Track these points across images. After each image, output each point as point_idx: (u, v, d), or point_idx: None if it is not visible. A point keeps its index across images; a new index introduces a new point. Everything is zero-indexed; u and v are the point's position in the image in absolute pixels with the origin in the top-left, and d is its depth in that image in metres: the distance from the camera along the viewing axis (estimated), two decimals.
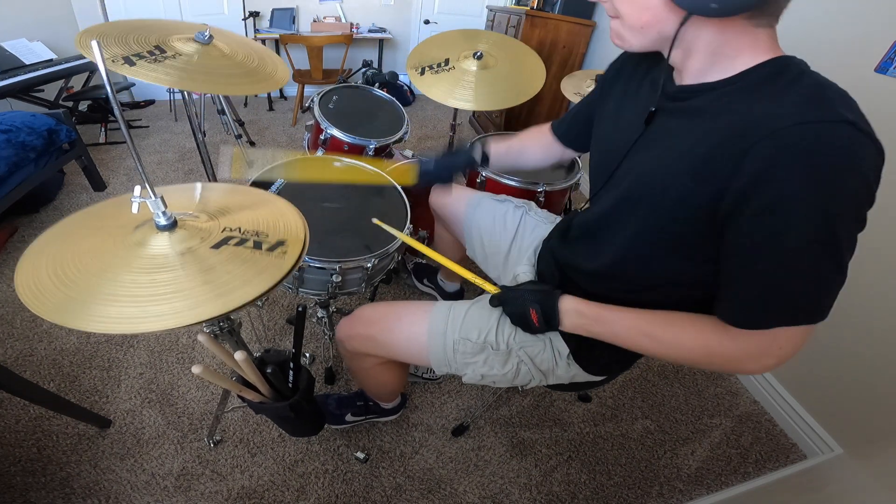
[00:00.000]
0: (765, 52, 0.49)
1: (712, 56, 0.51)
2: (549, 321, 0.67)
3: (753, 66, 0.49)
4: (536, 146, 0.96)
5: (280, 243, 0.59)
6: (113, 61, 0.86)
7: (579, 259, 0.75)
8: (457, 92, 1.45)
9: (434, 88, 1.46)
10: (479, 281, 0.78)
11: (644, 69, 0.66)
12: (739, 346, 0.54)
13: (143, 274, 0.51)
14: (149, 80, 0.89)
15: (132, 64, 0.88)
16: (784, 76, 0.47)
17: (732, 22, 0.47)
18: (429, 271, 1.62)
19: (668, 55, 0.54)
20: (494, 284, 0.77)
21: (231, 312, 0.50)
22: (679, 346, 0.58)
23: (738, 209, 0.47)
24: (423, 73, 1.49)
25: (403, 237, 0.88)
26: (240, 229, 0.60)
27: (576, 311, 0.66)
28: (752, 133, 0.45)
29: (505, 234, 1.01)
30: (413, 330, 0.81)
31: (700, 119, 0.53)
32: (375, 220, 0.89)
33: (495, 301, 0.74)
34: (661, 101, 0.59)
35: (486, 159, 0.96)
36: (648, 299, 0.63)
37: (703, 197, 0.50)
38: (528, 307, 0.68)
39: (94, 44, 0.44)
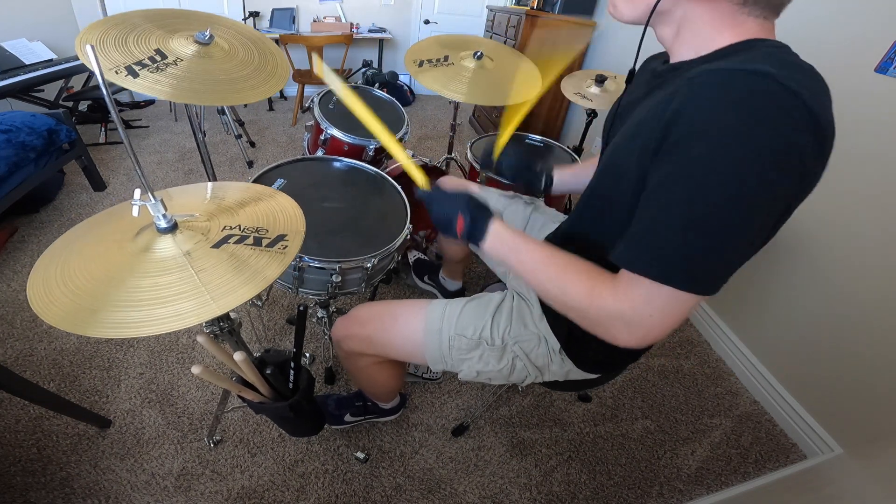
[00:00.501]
0: (744, 36, 0.49)
1: (695, 36, 0.52)
2: (474, 235, 0.63)
3: (725, 46, 0.49)
4: None
5: (280, 238, 0.60)
6: (116, 72, 0.86)
7: None
8: (452, 84, 1.45)
9: (431, 80, 1.46)
10: (413, 171, 0.70)
11: (649, 68, 0.67)
12: (617, 302, 0.50)
13: (147, 278, 0.52)
14: (153, 93, 0.89)
15: (136, 76, 0.88)
16: (744, 50, 0.47)
17: (719, 4, 0.48)
18: (430, 268, 1.61)
19: (648, 24, 0.55)
20: (427, 179, 0.70)
21: (232, 311, 0.50)
22: (566, 290, 0.55)
23: (654, 157, 0.47)
24: (421, 65, 1.49)
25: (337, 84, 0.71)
26: (240, 227, 0.61)
27: (498, 235, 0.62)
28: (676, 87, 0.46)
29: None
30: (409, 328, 0.81)
31: (659, 93, 0.53)
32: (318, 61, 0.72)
33: (423, 195, 0.68)
34: (649, 81, 0.60)
35: (549, 184, 0.96)
36: None
37: (637, 157, 0.50)
38: (457, 212, 0.63)
39: (88, 48, 0.43)
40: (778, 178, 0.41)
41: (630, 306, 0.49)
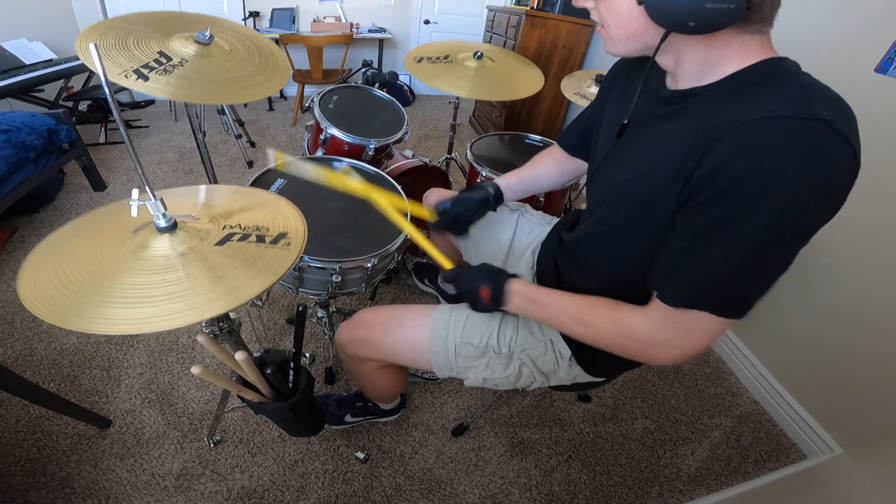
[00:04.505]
0: (754, 56, 0.49)
1: (702, 63, 0.52)
2: (497, 300, 0.69)
3: (741, 70, 0.49)
4: (548, 167, 0.95)
5: (282, 235, 0.60)
6: (126, 76, 0.86)
7: (573, 278, 0.76)
8: (456, 82, 1.46)
9: (433, 79, 1.46)
10: (437, 255, 0.80)
11: (640, 73, 0.67)
12: (651, 330, 0.55)
13: (153, 275, 0.51)
14: (164, 94, 0.90)
15: (146, 79, 0.88)
16: (772, 78, 0.48)
17: (715, 34, 0.48)
18: (430, 271, 1.62)
19: (654, 58, 0.55)
20: (450, 261, 0.79)
21: (232, 311, 0.50)
22: (600, 330, 0.61)
23: (693, 195, 0.48)
24: (420, 60, 1.49)
25: (358, 187, 0.85)
26: (240, 226, 0.61)
27: (519, 293, 0.69)
28: (721, 127, 0.46)
29: (502, 238, 1.00)
30: (414, 334, 0.81)
31: (685, 122, 0.53)
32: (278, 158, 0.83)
33: (449, 275, 0.75)
34: (654, 107, 0.59)
35: (500, 196, 0.92)
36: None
37: (674, 195, 0.51)
38: (479, 285, 0.70)
39: (91, 48, 0.43)
40: (826, 217, 0.45)
41: (665, 335, 0.54)
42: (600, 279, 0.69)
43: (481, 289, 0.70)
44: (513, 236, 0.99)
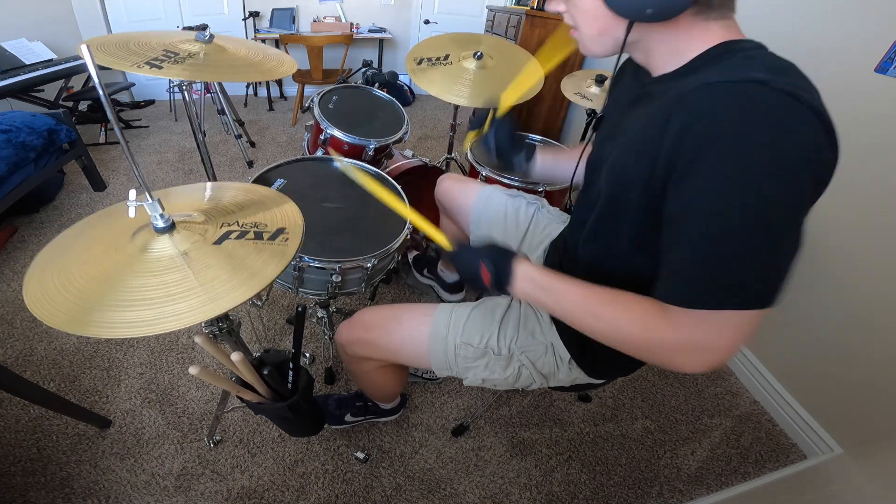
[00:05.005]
0: (716, 40, 0.50)
1: (668, 52, 0.53)
2: (500, 282, 0.62)
3: (700, 53, 0.50)
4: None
5: (280, 231, 0.60)
6: (138, 67, 0.88)
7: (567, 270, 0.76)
8: (454, 88, 1.45)
9: (432, 84, 1.45)
10: (438, 236, 0.71)
11: (634, 70, 0.68)
12: (675, 334, 0.49)
13: (152, 277, 0.52)
14: (182, 77, 0.92)
15: (160, 68, 0.91)
16: (725, 57, 0.48)
17: (677, 21, 0.49)
18: (429, 262, 1.61)
19: (622, 52, 0.56)
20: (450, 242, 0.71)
21: (231, 311, 0.50)
22: (618, 327, 0.54)
23: (667, 180, 0.47)
24: (420, 62, 1.49)
25: (370, 184, 0.80)
26: (238, 223, 0.61)
27: (528, 277, 0.61)
28: (670, 103, 0.47)
29: (517, 231, 0.99)
30: (414, 334, 0.81)
31: (648, 105, 0.55)
32: (339, 164, 0.79)
33: (450, 255, 0.68)
34: (636, 96, 0.61)
35: (530, 157, 0.91)
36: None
37: (641, 174, 0.51)
38: (478, 263, 0.63)
39: (83, 48, 0.43)
40: (793, 179, 0.41)
41: (690, 337, 0.48)
42: (585, 272, 0.69)
43: (482, 268, 0.62)
44: (526, 231, 0.98)
